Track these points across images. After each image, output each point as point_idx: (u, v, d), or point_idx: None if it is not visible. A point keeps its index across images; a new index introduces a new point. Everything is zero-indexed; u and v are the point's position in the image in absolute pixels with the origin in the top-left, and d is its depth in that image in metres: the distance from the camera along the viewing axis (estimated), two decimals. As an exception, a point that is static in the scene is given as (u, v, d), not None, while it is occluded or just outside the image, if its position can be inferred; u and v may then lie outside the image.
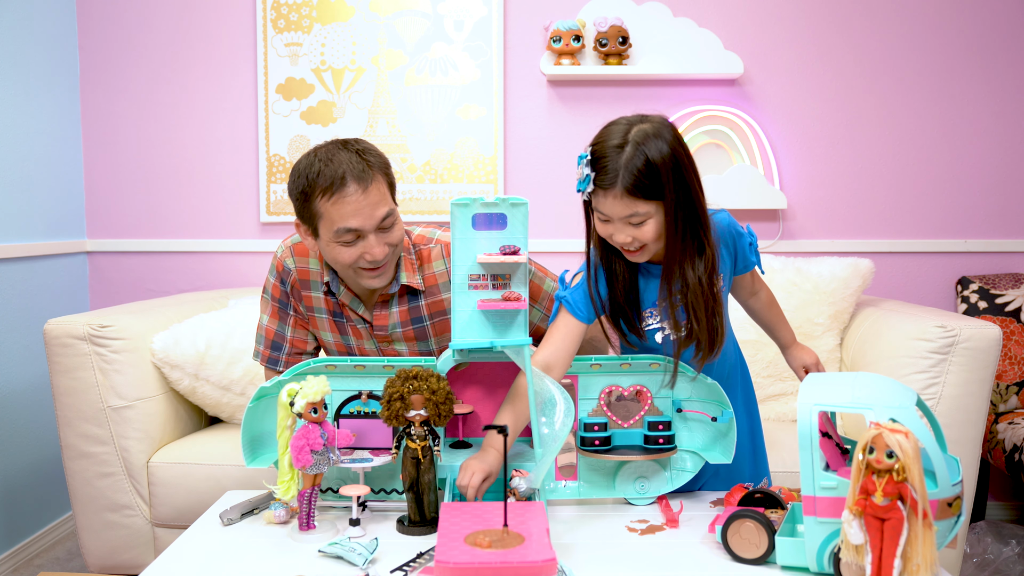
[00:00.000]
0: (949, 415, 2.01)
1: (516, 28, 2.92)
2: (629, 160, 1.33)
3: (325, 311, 1.72)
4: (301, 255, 1.70)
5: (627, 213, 1.35)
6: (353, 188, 1.51)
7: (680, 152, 1.37)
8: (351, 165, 1.52)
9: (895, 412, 1.13)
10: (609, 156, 1.35)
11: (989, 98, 2.89)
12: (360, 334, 1.72)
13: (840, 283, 2.45)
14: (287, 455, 1.38)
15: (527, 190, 2.94)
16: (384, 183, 1.57)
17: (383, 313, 1.69)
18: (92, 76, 2.97)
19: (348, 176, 1.51)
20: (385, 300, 1.69)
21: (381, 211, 1.54)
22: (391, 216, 1.56)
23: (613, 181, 1.34)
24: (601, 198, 1.37)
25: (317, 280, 1.70)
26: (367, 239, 1.54)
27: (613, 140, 1.36)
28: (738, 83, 2.89)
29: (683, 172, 1.36)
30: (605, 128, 1.41)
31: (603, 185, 1.35)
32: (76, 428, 2.14)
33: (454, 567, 1.10)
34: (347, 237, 1.53)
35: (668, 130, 1.38)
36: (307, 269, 1.70)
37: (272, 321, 1.76)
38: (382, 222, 1.54)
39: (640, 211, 1.35)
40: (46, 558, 2.61)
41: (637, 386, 1.52)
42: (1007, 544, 2.45)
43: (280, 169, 2.95)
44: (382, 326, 1.70)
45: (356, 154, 1.54)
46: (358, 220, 1.52)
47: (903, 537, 1.03)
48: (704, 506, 1.50)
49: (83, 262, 3.00)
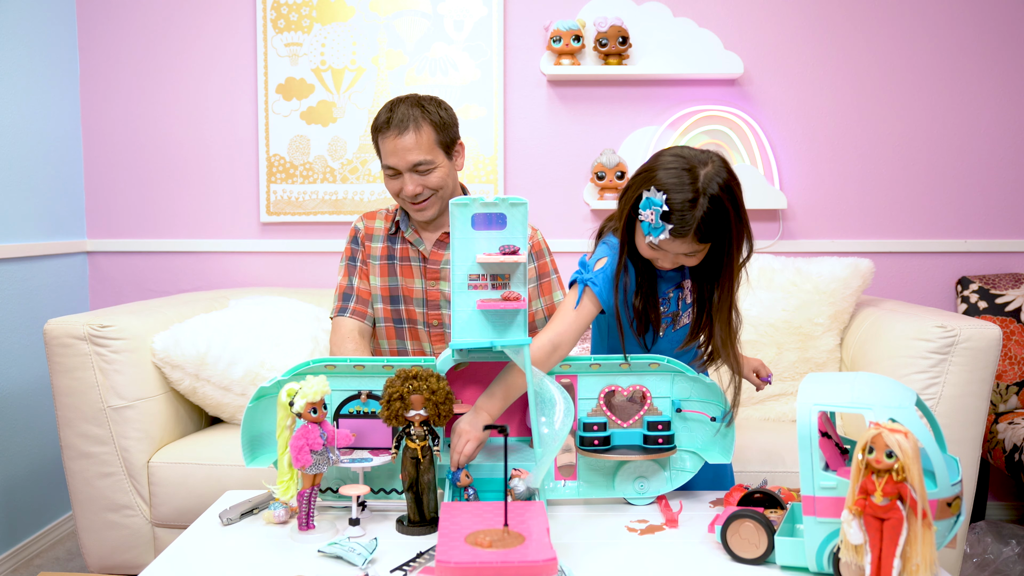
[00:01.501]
0: (949, 415, 2.01)
1: (516, 28, 2.92)
2: (704, 213, 1.40)
3: (379, 257, 1.99)
4: (370, 218, 2.04)
5: (689, 251, 1.45)
6: (391, 132, 1.83)
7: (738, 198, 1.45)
8: (402, 114, 1.83)
9: (895, 412, 1.13)
10: (685, 211, 1.40)
11: (989, 98, 2.89)
12: (412, 272, 1.97)
13: (840, 283, 2.45)
14: (287, 455, 1.38)
15: (527, 190, 2.94)
16: (431, 135, 1.84)
17: (440, 251, 1.96)
18: (92, 76, 2.97)
19: (392, 122, 1.83)
20: (443, 241, 1.95)
21: (414, 156, 1.83)
22: (426, 164, 1.84)
23: (687, 232, 1.41)
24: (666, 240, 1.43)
25: (379, 234, 2.00)
26: (403, 176, 1.85)
27: (685, 194, 1.41)
28: (738, 83, 2.89)
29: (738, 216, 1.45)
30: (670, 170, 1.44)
31: (677, 235, 1.42)
32: (76, 428, 2.14)
33: (455, 566, 1.10)
34: (389, 171, 1.87)
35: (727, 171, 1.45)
36: (372, 226, 2.02)
37: (344, 279, 2.02)
38: (416, 166, 1.84)
39: (698, 249, 1.46)
40: (46, 558, 2.61)
41: (637, 386, 1.53)
42: (1007, 544, 2.45)
43: (280, 169, 2.95)
44: (436, 261, 1.95)
45: (418, 106, 1.85)
46: (393, 159, 1.85)
47: (902, 537, 1.03)
48: (704, 506, 1.50)
49: (83, 262, 3.00)
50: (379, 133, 1.87)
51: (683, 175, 1.42)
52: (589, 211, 2.95)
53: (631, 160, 2.90)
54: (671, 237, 1.41)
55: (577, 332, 1.51)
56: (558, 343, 1.49)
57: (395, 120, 1.83)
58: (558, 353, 1.49)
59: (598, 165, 2.85)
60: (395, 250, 1.99)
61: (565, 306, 1.53)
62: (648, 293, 1.53)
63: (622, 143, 2.92)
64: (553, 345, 1.48)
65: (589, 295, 1.52)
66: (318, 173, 2.95)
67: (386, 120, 1.85)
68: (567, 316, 1.51)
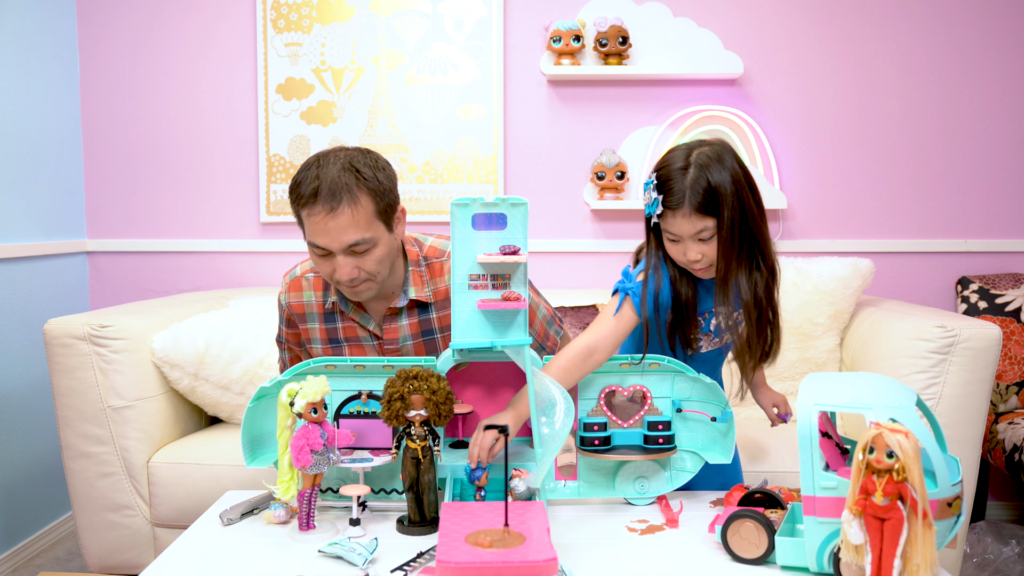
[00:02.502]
0: (949, 415, 2.01)
1: (516, 28, 2.92)
2: (694, 181, 1.42)
3: (320, 340, 1.73)
4: (295, 289, 1.72)
5: (696, 230, 1.43)
6: (320, 208, 1.49)
7: (739, 172, 1.45)
8: (333, 182, 1.49)
9: (895, 412, 1.13)
10: (675, 179, 1.43)
11: (989, 98, 2.89)
12: (365, 351, 1.72)
13: (840, 283, 2.45)
14: (287, 455, 1.38)
15: (527, 190, 2.94)
16: (369, 207, 1.52)
17: (392, 327, 1.69)
18: (92, 76, 2.97)
19: (321, 194, 1.48)
20: (394, 313, 1.68)
21: (350, 237, 1.50)
22: (365, 243, 1.52)
23: (680, 201, 1.42)
24: (670, 219, 1.45)
25: (313, 311, 1.71)
26: (336, 258, 1.53)
27: (676, 164, 1.45)
28: (738, 83, 2.89)
29: (742, 191, 1.44)
30: (667, 154, 1.49)
31: (671, 206, 1.43)
32: (76, 428, 2.14)
33: (456, 566, 1.10)
34: (317, 251, 1.54)
35: (728, 151, 1.46)
36: (301, 303, 1.71)
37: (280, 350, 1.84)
38: (352, 247, 1.52)
39: (708, 226, 1.43)
40: (46, 558, 2.61)
41: (637, 386, 1.53)
42: (1007, 544, 2.45)
43: (280, 169, 2.95)
44: (392, 339, 1.69)
45: (351, 171, 1.51)
46: (323, 239, 1.51)
47: (903, 537, 1.03)
48: (704, 506, 1.50)
49: (83, 262, 3.00)
50: (303, 206, 1.51)
51: (678, 151, 1.47)
52: (589, 211, 2.95)
53: (631, 160, 2.90)
54: (668, 211, 1.43)
55: (615, 339, 1.51)
56: (594, 348, 1.49)
57: (324, 192, 1.48)
58: (594, 358, 1.49)
59: (598, 165, 2.85)
60: (337, 331, 1.70)
61: (606, 313, 1.54)
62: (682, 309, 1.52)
63: (622, 143, 2.92)
64: (589, 350, 1.48)
65: (629, 304, 1.52)
66: (318, 173, 2.94)
67: (312, 191, 1.48)
68: (607, 323, 1.52)
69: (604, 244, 2.95)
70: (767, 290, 1.50)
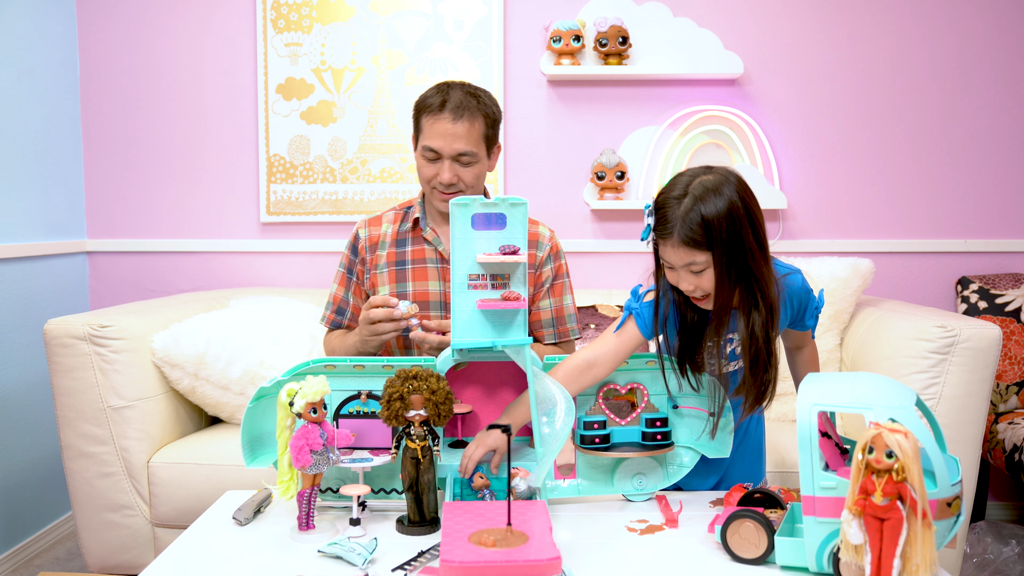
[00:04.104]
0: (949, 415, 2.01)
1: (516, 28, 2.92)
2: (686, 213, 1.36)
3: (387, 264, 1.90)
4: (375, 224, 1.94)
5: (686, 262, 1.38)
6: (445, 116, 1.76)
7: (737, 207, 1.37)
8: (459, 100, 1.77)
9: (894, 412, 1.13)
10: (669, 207, 1.38)
11: (989, 98, 2.89)
12: (426, 275, 1.88)
13: (840, 283, 2.45)
14: (287, 455, 1.38)
15: (527, 190, 2.94)
16: (480, 128, 1.79)
17: None
18: (92, 75, 2.97)
19: (447, 105, 1.77)
20: None
21: (460, 145, 1.77)
22: (469, 156, 1.78)
23: (670, 232, 1.37)
24: (663, 247, 1.41)
25: (387, 239, 1.91)
26: (442, 162, 1.78)
27: (675, 192, 1.39)
28: (738, 83, 2.89)
29: (737, 227, 1.36)
30: (672, 178, 1.44)
31: (662, 235, 1.39)
32: (76, 428, 2.14)
33: (459, 566, 1.10)
34: (428, 154, 1.79)
35: (730, 184, 1.38)
36: (378, 234, 1.92)
37: (339, 288, 1.95)
38: (460, 156, 1.77)
39: (698, 260, 1.37)
40: (46, 558, 2.61)
41: (633, 384, 1.53)
42: (1007, 544, 2.45)
43: (280, 169, 2.95)
44: None
45: (474, 96, 1.80)
46: (438, 142, 1.77)
47: (902, 537, 1.03)
48: (704, 506, 1.50)
49: (83, 262, 3.00)
50: (428, 113, 1.79)
51: (682, 178, 1.41)
52: (589, 211, 2.95)
53: (631, 160, 2.90)
54: (659, 238, 1.40)
55: (615, 357, 1.50)
56: (593, 362, 1.49)
57: (451, 104, 1.76)
58: (592, 372, 1.49)
59: (598, 165, 2.85)
60: (406, 253, 1.90)
61: (609, 330, 1.53)
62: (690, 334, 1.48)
63: (622, 143, 2.92)
64: (589, 363, 1.49)
65: (632, 324, 1.50)
66: (318, 173, 2.95)
67: (440, 102, 1.77)
68: (608, 340, 1.51)
69: (604, 244, 2.95)
70: (764, 329, 1.42)
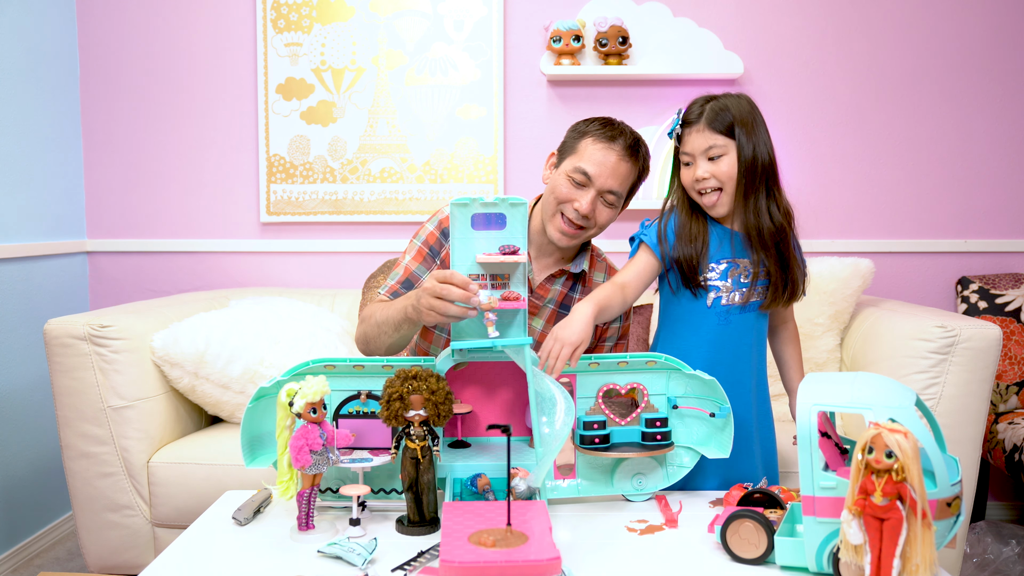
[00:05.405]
0: (949, 415, 2.01)
1: (516, 28, 2.92)
2: (713, 102, 1.59)
3: None
4: None
5: (706, 146, 1.56)
6: (614, 147, 1.71)
7: (757, 114, 1.59)
8: (631, 140, 1.74)
9: (894, 412, 1.13)
10: (697, 103, 1.61)
11: (989, 98, 2.89)
12: None
13: (840, 283, 2.45)
14: (286, 455, 1.38)
15: (527, 190, 2.94)
16: (634, 177, 1.75)
17: (548, 285, 1.85)
18: (92, 76, 2.97)
19: (620, 140, 1.72)
20: (559, 275, 1.85)
21: (614, 183, 1.71)
22: (615, 196, 1.73)
23: (697, 118, 1.58)
24: (685, 137, 1.60)
25: None
26: (588, 191, 1.71)
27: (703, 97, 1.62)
28: (738, 83, 2.89)
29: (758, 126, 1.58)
30: None
31: (688, 121, 1.59)
32: (76, 428, 2.14)
33: (459, 566, 1.10)
34: (578, 177, 1.71)
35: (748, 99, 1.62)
36: None
37: (414, 263, 1.83)
38: (607, 193, 1.72)
39: (718, 143, 1.56)
40: (46, 558, 2.61)
41: (634, 384, 1.53)
42: (1007, 544, 2.45)
43: (280, 169, 2.95)
44: (540, 295, 1.84)
45: (640, 143, 1.76)
46: (597, 170, 1.70)
47: (902, 537, 1.03)
48: (703, 506, 1.50)
49: (83, 262, 3.01)
50: (597, 139, 1.72)
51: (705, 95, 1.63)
52: (589, 211, 2.94)
53: (631, 160, 2.90)
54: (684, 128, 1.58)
55: (639, 279, 1.63)
56: (625, 284, 1.61)
57: (624, 141, 1.71)
58: (625, 293, 1.60)
59: (598, 165, 2.85)
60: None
61: (630, 260, 1.67)
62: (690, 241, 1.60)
63: (622, 143, 2.91)
64: (621, 285, 1.60)
65: (645, 248, 1.65)
66: (318, 173, 2.95)
67: (614, 135, 1.72)
68: (628, 268, 1.65)
69: (604, 244, 2.94)
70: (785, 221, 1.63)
